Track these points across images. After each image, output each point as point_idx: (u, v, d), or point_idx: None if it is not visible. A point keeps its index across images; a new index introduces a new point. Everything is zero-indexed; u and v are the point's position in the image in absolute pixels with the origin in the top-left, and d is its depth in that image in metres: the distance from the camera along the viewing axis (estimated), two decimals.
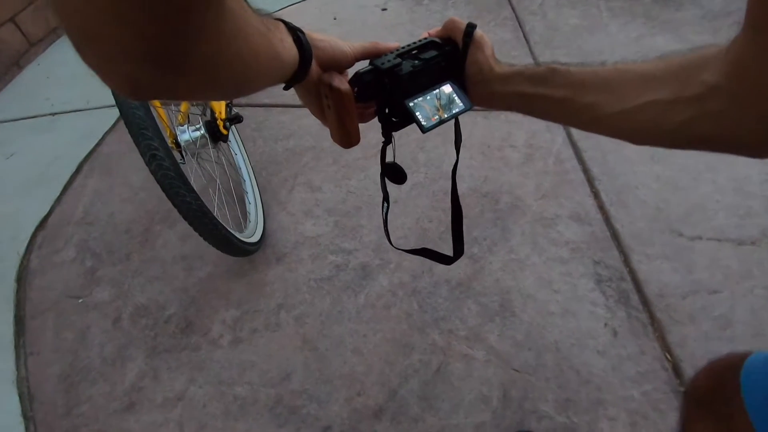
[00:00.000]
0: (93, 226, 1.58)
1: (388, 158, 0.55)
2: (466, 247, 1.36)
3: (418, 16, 2.45)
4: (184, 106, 1.30)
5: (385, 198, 0.57)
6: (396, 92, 0.47)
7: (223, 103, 1.35)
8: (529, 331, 1.16)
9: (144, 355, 1.22)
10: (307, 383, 1.12)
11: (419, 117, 0.46)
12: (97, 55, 0.23)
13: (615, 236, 1.34)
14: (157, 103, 1.17)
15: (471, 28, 0.48)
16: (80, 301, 1.36)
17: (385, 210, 0.58)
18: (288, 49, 0.38)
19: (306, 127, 1.83)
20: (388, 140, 0.52)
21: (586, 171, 1.52)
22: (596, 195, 1.45)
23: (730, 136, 0.34)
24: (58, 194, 1.71)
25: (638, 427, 0.99)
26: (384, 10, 2.52)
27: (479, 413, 1.03)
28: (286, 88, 0.44)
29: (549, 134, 1.67)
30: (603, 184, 1.48)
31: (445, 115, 0.47)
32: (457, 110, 0.48)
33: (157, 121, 1.09)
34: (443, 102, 0.48)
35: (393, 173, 0.56)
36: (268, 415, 1.07)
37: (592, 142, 1.63)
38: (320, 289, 1.31)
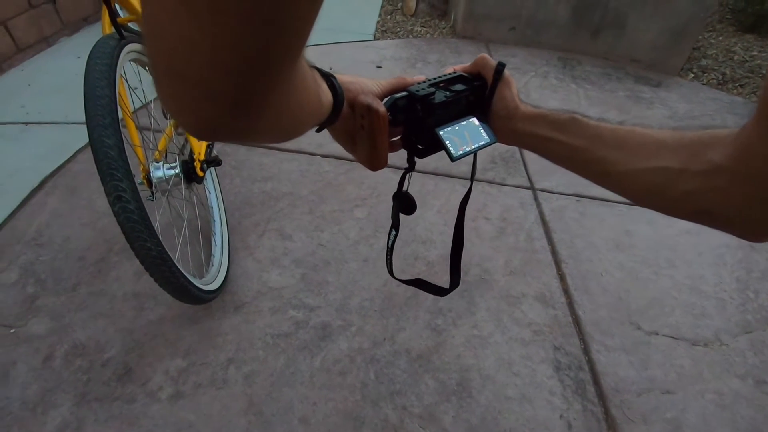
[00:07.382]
0: (44, 248, 1.49)
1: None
2: (431, 316, 1.35)
3: (409, 77, 2.56)
4: (162, 143, 1.28)
5: (395, 225, 0.57)
6: (427, 119, 0.48)
7: (203, 144, 1.33)
8: (485, 415, 1.13)
9: (71, 402, 1.11)
10: None
11: (449, 146, 0.47)
12: (181, 93, 0.23)
13: (577, 322, 1.35)
14: (135, 140, 1.15)
15: (501, 66, 0.50)
16: (12, 331, 1.25)
17: (392, 238, 0.58)
18: (325, 93, 0.40)
19: (286, 172, 1.82)
20: (411, 167, 0.53)
21: (554, 252, 1.56)
22: (562, 278, 1.47)
23: (730, 215, 0.35)
24: (12, 209, 1.61)
25: None
26: (379, 67, 2.63)
27: None
28: (318, 131, 0.44)
29: (522, 210, 1.72)
30: (569, 267, 1.51)
31: (473, 146, 0.48)
32: (483, 142, 0.49)
33: (132, 153, 1.06)
34: (471, 134, 0.49)
35: (405, 202, 0.56)
36: None
37: (562, 224, 1.68)
38: (276, 346, 1.25)
